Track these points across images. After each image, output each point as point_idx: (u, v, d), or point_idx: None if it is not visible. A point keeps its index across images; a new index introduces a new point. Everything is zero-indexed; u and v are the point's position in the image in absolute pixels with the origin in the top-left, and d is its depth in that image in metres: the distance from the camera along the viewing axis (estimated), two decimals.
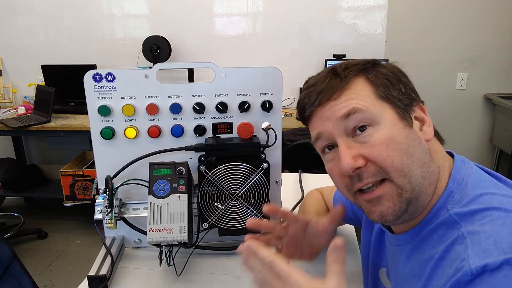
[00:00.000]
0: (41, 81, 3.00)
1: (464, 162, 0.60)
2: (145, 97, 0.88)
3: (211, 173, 0.85)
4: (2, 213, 3.20)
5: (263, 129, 0.87)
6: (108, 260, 0.86)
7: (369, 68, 0.59)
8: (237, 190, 0.87)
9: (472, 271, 0.44)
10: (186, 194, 0.81)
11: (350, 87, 0.58)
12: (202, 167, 0.85)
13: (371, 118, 0.56)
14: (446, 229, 0.53)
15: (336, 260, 0.49)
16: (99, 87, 0.86)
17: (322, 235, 0.76)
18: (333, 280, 0.48)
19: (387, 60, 1.84)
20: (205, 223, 0.89)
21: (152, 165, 0.83)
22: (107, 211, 0.83)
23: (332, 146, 0.60)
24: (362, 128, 0.56)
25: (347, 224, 1.01)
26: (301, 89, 2.91)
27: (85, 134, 2.59)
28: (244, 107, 0.89)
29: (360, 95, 0.57)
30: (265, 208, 0.70)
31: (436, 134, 0.62)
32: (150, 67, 0.95)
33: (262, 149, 0.88)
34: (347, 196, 0.62)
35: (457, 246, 0.49)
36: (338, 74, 0.59)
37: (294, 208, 1.09)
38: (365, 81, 0.58)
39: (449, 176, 0.57)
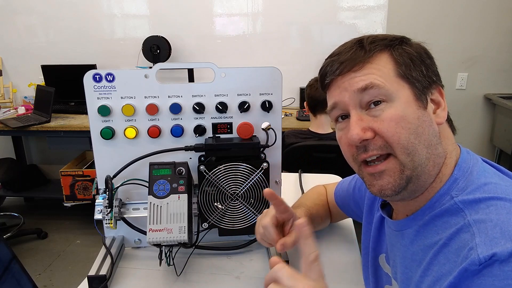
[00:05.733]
0: (41, 81, 3.00)
1: (469, 154, 0.61)
2: (145, 97, 0.88)
3: (211, 173, 0.85)
4: (2, 213, 3.20)
5: (263, 129, 0.87)
6: (108, 260, 0.86)
7: (395, 45, 0.60)
8: (237, 190, 0.87)
9: (481, 260, 0.45)
10: (186, 194, 0.81)
11: (373, 62, 0.58)
12: (202, 167, 0.85)
13: (386, 94, 0.57)
14: (450, 216, 0.54)
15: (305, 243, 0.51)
16: (99, 87, 0.86)
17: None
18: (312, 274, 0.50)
19: None
20: (205, 223, 0.89)
21: (152, 165, 0.83)
22: (107, 211, 0.83)
23: (346, 116, 0.61)
24: (377, 103, 0.57)
25: (346, 218, 1.02)
26: (301, 89, 2.91)
27: (85, 134, 2.59)
28: (244, 107, 0.89)
29: (380, 71, 0.58)
30: (266, 190, 0.70)
31: (449, 122, 0.63)
32: (150, 67, 0.95)
33: (262, 149, 0.88)
34: (353, 166, 0.63)
35: (463, 234, 0.50)
36: (363, 46, 0.60)
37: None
38: (389, 58, 0.59)
39: (455, 164, 0.59)
